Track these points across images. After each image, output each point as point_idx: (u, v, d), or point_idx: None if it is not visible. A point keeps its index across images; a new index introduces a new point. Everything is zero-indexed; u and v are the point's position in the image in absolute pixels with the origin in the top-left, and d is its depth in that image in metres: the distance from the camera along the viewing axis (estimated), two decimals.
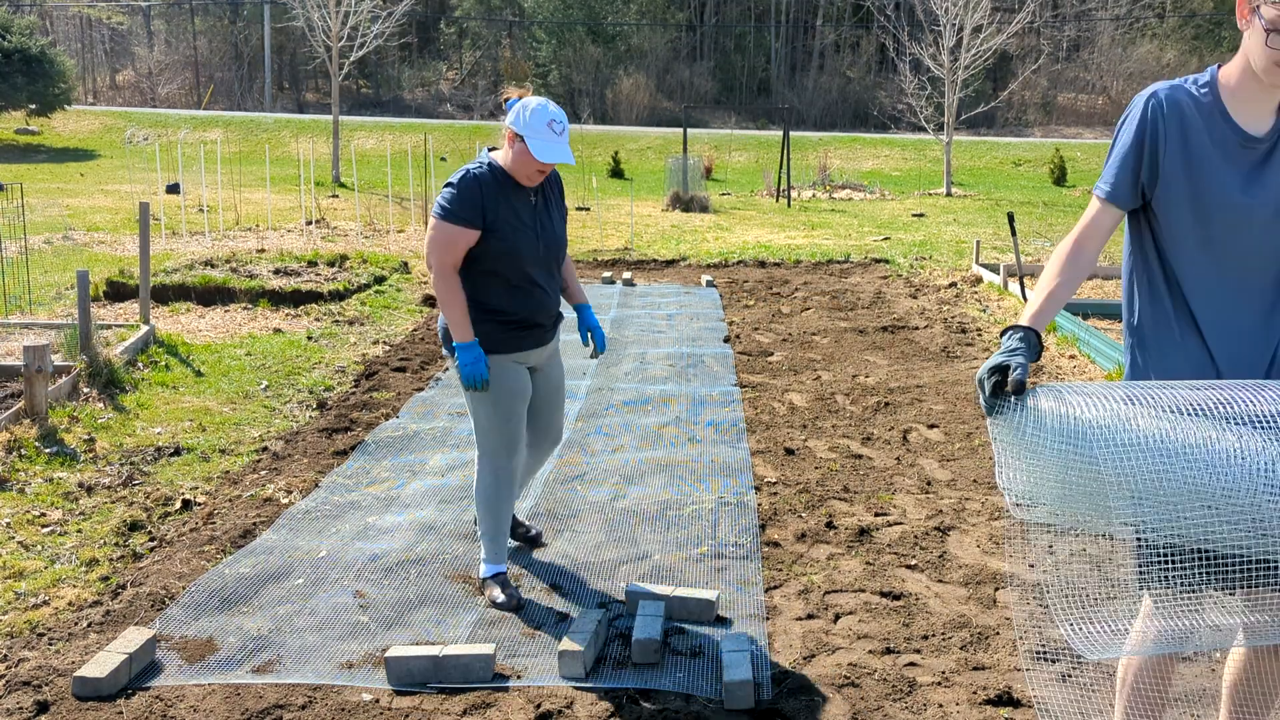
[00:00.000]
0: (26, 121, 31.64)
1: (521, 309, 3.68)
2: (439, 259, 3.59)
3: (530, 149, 3.51)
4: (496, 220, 3.58)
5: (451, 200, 3.56)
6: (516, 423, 3.76)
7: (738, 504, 4.81)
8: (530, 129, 3.51)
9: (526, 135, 3.51)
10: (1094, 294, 10.82)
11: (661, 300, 10.10)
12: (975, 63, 23.07)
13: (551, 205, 3.79)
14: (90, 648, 3.41)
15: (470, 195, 3.55)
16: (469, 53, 49.55)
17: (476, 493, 3.82)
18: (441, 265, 3.59)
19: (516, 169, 3.59)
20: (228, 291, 9.63)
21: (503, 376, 3.70)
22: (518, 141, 3.55)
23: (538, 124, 3.51)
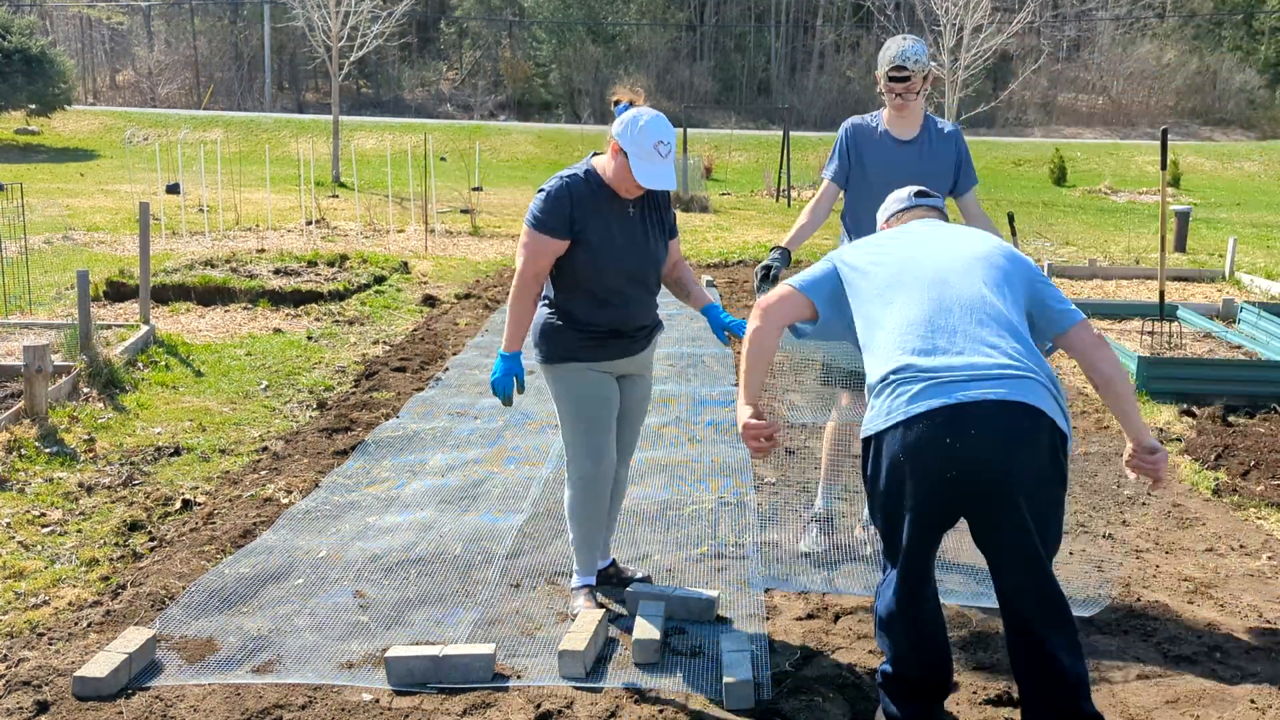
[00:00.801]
0: (26, 121, 31.64)
1: (607, 320, 3.55)
2: (522, 265, 3.48)
3: (632, 169, 3.36)
4: (585, 231, 3.44)
5: (542, 209, 3.44)
6: (601, 431, 3.60)
7: (738, 504, 4.81)
8: (636, 146, 3.35)
9: (630, 153, 3.36)
10: (1094, 294, 10.82)
11: (661, 300, 10.08)
12: (975, 63, 23.06)
13: (650, 218, 3.60)
14: (90, 648, 3.41)
15: (560, 204, 3.42)
16: (469, 53, 49.54)
17: (566, 502, 3.69)
18: (523, 272, 3.48)
19: (615, 182, 3.45)
20: (228, 291, 9.63)
21: (582, 384, 3.57)
22: (620, 155, 3.39)
23: (645, 143, 3.34)
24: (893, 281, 2.82)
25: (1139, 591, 4.00)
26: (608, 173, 3.46)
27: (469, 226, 15.46)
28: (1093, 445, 5.82)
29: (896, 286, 2.80)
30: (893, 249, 2.94)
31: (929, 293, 2.73)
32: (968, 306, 2.69)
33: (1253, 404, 6.56)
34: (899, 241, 2.99)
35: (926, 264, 2.82)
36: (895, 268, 2.85)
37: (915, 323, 2.69)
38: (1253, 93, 41.79)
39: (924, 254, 2.87)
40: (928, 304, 2.71)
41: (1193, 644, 3.59)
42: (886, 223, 3.28)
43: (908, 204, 3.26)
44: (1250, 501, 4.98)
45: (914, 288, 2.76)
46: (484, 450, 5.53)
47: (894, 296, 2.78)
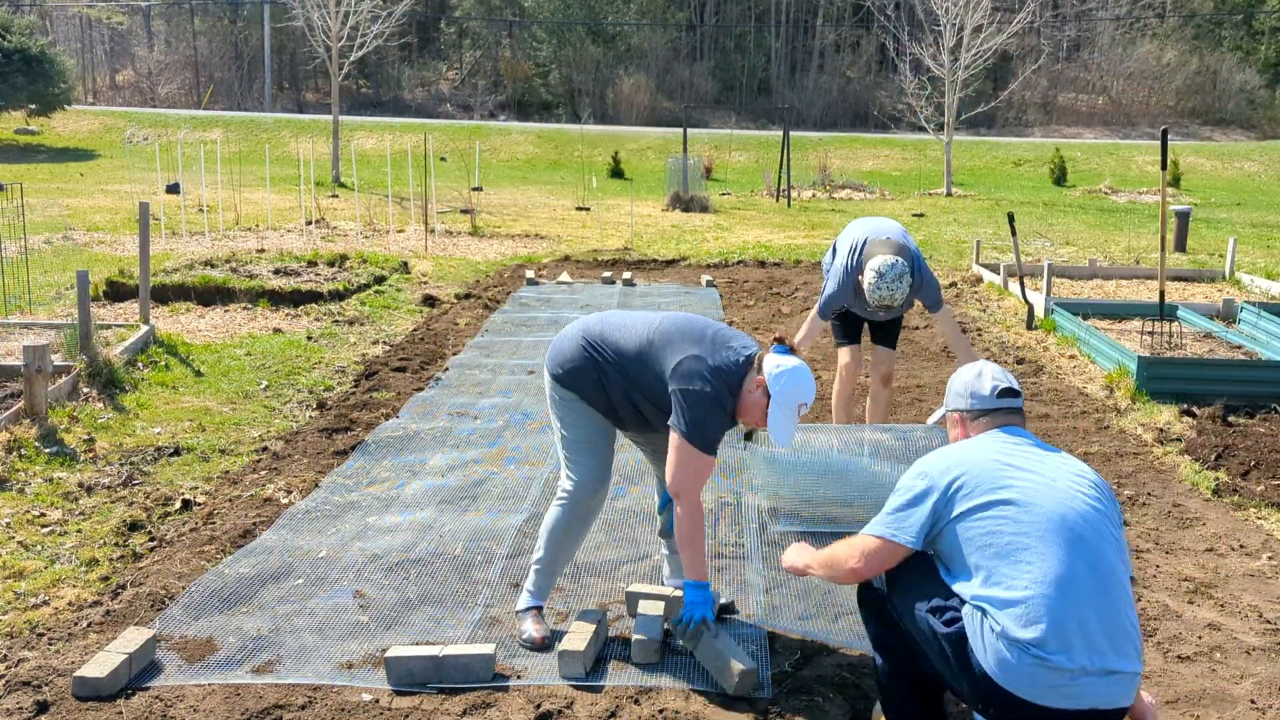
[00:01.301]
0: (26, 121, 31.64)
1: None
2: (695, 488, 3.31)
3: (769, 418, 3.27)
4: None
5: (711, 429, 3.29)
6: (607, 457, 3.57)
7: (738, 504, 4.80)
8: (783, 400, 3.24)
9: (775, 402, 3.25)
10: (1094, 294, 10.83)
11: (661, 300, 10.09)
12: (975, 63, 23.06)
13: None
14: (90, 648, 3.41)
15: (720, 423, 3.33)
16: (469, 53, 49.53)
17: (549, 520, 3.59)
18: (695, 494, 3.31)
19: (744, 410, 3.34)
20: (228, 291, 9.63)
21: (589, 413, 3.52)
22: (764, 397, 3.27)
23: (792, 401, 3.25)
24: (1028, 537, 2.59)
25: (1139, 591, 4.00)
26: (744, 399, 3.32)
27: (469, 226, 15.47)
28: (1093, 445, 5.82)
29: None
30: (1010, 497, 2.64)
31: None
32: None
33: (1253, 404, 6.56)
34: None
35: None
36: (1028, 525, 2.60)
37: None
38: (1253, 93, 41.78)
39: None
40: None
41: (1193, 644, 3.59)
42: (961, 418, 2.97)
43: (992, 405, 2.91)
44: (1250, 501, 4.98)
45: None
46: (484, 450, 5.53)
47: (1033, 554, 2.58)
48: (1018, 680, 2.49)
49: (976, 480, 2.66)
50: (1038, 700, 2.48)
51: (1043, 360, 7.81)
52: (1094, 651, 2.48)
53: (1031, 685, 2.48)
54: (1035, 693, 2.48)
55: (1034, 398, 6.77)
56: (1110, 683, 2.50)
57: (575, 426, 3.52)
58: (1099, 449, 5.75)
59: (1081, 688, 2.48)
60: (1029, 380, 7.20)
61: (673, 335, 3.39)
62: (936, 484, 2.70)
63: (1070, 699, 2.48)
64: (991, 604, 2.54)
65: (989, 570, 2.58)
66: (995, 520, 2.60)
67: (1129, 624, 2.56)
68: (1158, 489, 5.17)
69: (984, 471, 2.68)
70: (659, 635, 3.40)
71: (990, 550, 2.59)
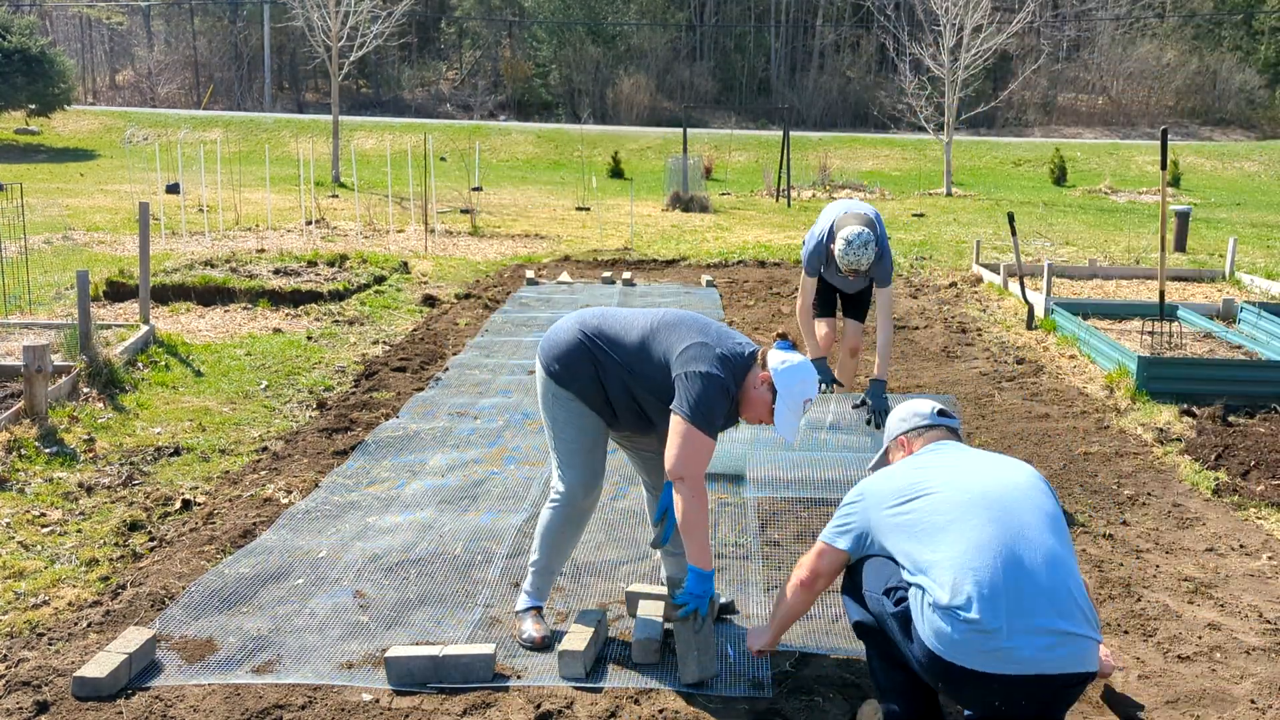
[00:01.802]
0: (26, 121, 31.65)
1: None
2: (699, 470, 3.26)
3: (775, 412, 3.26)
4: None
5: (711, 409, 3.24)
6: (599, 460, 3.55)
7: (738, 504, 4.80)
8: (789, 395, 3.24)
9: (781, 396, 3.24)
10: (1094, 293, 10.83)
11: (661, 300, 10.09)
12: (975, 63, 23.06)
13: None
14: (90, 648, 3.41)
15: (723, 409, 3.30)
16: (469, 53, 49.54)
17: (544, 522, 3.56)
18: (698, 477, 3.26)
19: (748, 406, 3.34)
20: (228, 291, 9.63)
21: (583, 412, 3.49)
22: (770, 391, 3.27)
23: (798, 396, 3.24)
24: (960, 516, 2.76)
25: (1139, 591, 4.00)
26: (746, 393, 3.32)
27: (469, 226, 15.47)
28: (1093, 445, 5.82)
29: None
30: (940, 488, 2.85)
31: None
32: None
33: (1253, 404, 6.56)
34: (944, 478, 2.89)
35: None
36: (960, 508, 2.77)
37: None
38: (1253, 93, 41.79)
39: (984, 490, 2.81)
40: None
41: (1193, 644, 3.59)
42: (905, 440, 3.12)
43: (932, 421, 3.12)
44: (1250, 501, 4.98)
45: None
46: (484, 450, 5.53)
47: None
48: (955, 649, 2.56)
49: (902, 484, 2.88)
50: (979, 667, 2.55)
51: (1043, 360, 7.81)
52: (1024, 611, 2.56)
53: (968, 652, 2.55)
54: (975, 659, 2.55)
55: (1034, 398, 6.77)
56: (1053, 644, 2.55)
57: (568, 426, 3.51)
58: (1099, 449, 5.75)
59: (1019, 650, 2.53)
60: (1029, 380, 7.20)
61: (677, 325, 3.40)
62: (866, 495, 2.95)
63: (1011, 663, 2.54)
64: (923, 576, 2.67)
65: (915, 550, 2.73)
66: (918, 510, 2.79)
67: (1069, 587, 2.63)
68: (1158, 489, 5.17)
69: (908, 476, 2.90)
70: (659, 635, 3.40)
71: (914, 532, 2.76)
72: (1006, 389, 6.98)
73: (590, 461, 3.53)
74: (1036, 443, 5.82)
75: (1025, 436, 5.92)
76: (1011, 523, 2.69)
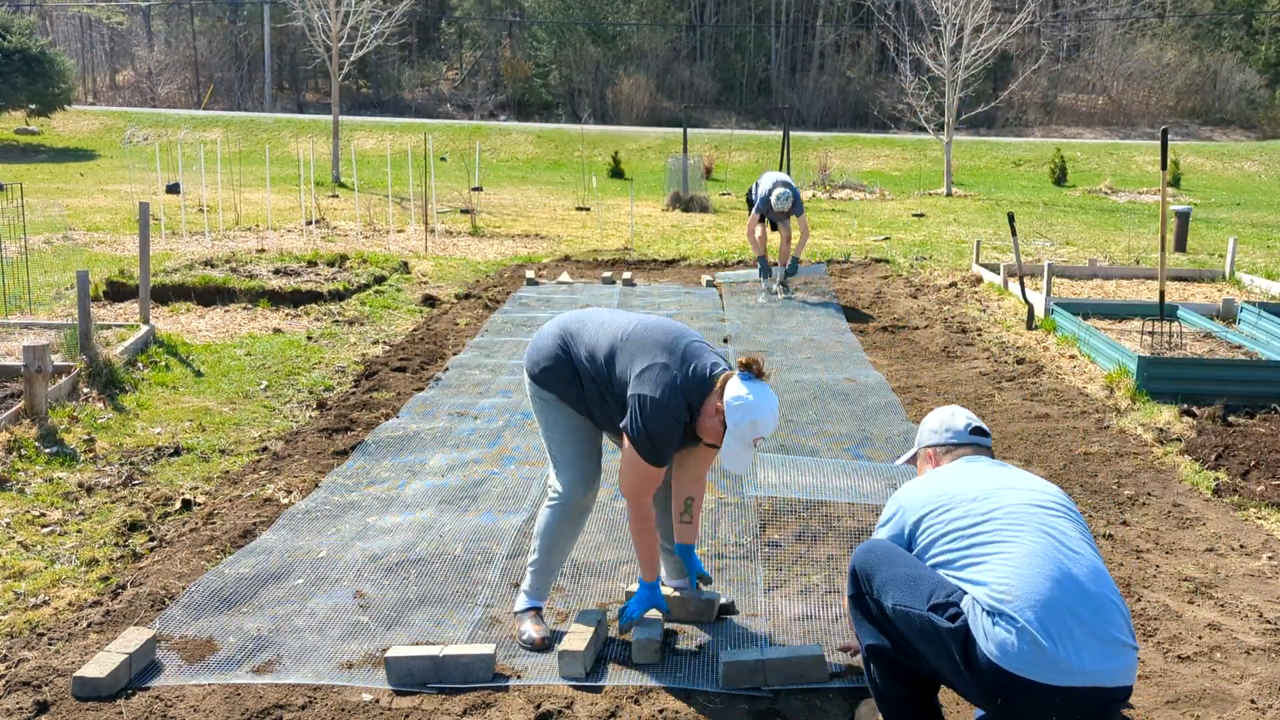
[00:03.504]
0: (26, 121, 31.65)
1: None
2: (642, 493, 3.30)
3: (722, 448, 3.23)
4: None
5: (660, 439, 3.24)
6: (594, 458, 3.57)
7: (737, 504, 4.80)
8: (738, 431, 3.19)
9: (730, 432, 3.19)
10: (1094, 294, 10.83)
11: (661, 300, 10.09)
12: (975, 63, 23.06)
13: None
14: (90, 648, 3.41)
15: (673, 437, 3.29)
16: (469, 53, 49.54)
17: (542, 521, 3.55)
18: (641, 499, 3.33)
19: (702, 430, 3.31)
20: (228, 291, 9.63)
21: (570, 413, 3.51)
22: (719, 419, 3.23)
23: (747, 434, 3.19)
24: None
25: (1139, 591, 4.00)
26: (702, 419, 3.29)
27: (469, 226, 15.47)
28: (1093, 445, 5.82)
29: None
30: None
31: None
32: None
33: (1253, 404, 6.56)
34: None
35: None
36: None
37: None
38: (1253, 93, 41.78)
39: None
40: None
41: (1193, 644, 3.59)
42: (934, 452, 3.11)
43: (965, 439, 3.09)
44: (1250, 501, 4.98)
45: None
46: (484, 450, 5.53)
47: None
48: (1020, 661, 2.52)
49: (942, 495, 2.86)
50: (1043, 679, 2.51)
51: (1043, 360, 7.81)
52: (1082, 622, 2.55)
53: (1032, 663, 2.52)
54: (1038, 671, 2.51)
55: (1034, 398, 6.77)
56: (1110, 655, 2.54)
57: (558, 427, 3.52)
58: (1099, 449, 5.75)
59: (1082, 661, 2.51)
60: (1029, 380, 7.20)
61: (645, 340, 3.35)
62: (905, 506, 2.92)
63: (1074, 674, 2.51)
64: (978, 588, 2.63)
65: (966, 562, 2.70)
66: (961, 521, 2.76)
67: (1114, 598, 2.64)
68: (1158, 489, 5.17)
69: (947, 486, 2.89)
70: (659, 635, 3.41)
71: (962, 543, 2.73)
72: (1006, 389, 6.98)
73: (584, 461, 3.53)
74: (1036, 443, 5.82)
75: (1025, 436, 5.92)
76: (1056, 535, 2.69)
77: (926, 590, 2.69)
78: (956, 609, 2.63)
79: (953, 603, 2.64)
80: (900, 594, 2.73)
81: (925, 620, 2.67)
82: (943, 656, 2.66)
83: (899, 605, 2.72)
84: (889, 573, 2.78)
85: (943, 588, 2.68)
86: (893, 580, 2.77)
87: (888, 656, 2.82)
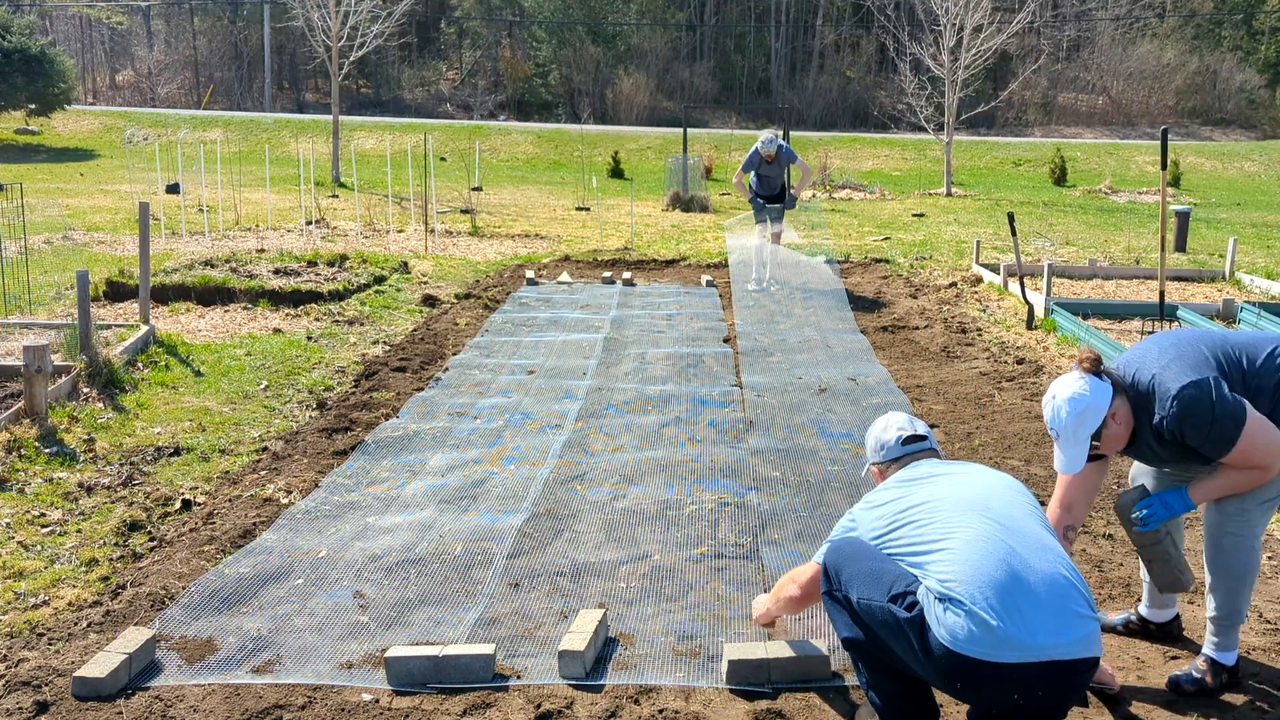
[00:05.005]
0: (26, 121, 31.65)
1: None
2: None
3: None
4: None
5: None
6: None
7: (737, 504, 4.81)
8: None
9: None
10: (1094, 294, 10.82)
11: (661, 300, 10.09)
12: (975, 63, 23.06)
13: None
14: (90, 648, 3.41)
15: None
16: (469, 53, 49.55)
17: (1234, 559, 3.22)
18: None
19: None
20: (228, 291, 9.63)
21: None
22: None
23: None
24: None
25: (1139, 591, 3.99)
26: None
27: (469, 226, 15.46)
28: None
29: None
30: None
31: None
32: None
33: None
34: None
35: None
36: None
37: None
38: (1253, 93, 41.79)
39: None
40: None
41: (1193, 644, 3.59)
42: (880, 469, 3.23)
43: (899, 453, 3.19)
44: None
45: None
46: (484, 450, 5.53)
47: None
48: (974, 644, 2.57)
49: (889, 508, 2.95)
50: (998, 658, 2.56)
51: (1043, 360, 7.81)
52: (1032, 599, 2.60)
53: (986, 645, 2.57)
54: (993, 651, 2.56)
55: (1034, 398, 6.76)
56: (1062, 627, 2.59)
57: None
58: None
59: (1035, 636, 2.56)
60: (1029, 380, 7.20)
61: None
62: (859, 520, 3.01)
63: (1029, 650, 2.56)
64: (930, 578, 2.70)
65: (916, 556, 2.78)
66: (913, 521, 2.85)
67: (1063, 571, 2.69)
68: None
69: (894, 499, 2.97)
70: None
71: (913, 539, 2.81)
72: (1006, 389, 6.98)
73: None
74: (1036, 443, 5.82)
75: (1025, 436, 5.92)
76: (1000, 516, 2.78)
77: (887, 582, 2.78)
78: (913, 598, 2.72)
79: (910, 592, 2.73)
80: (864, 588, 2.82)
81: (886, 611, 2.75)
82: (904, 646, 2.73)
83: (863, 598, 2.81)
84: (854, 568, 2.88)
85: (902, 579, 2.77)
86: (857, 575, 2.86)
87: (864, 650, 2.88)
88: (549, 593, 3.89)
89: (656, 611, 3.74)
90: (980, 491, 2.88)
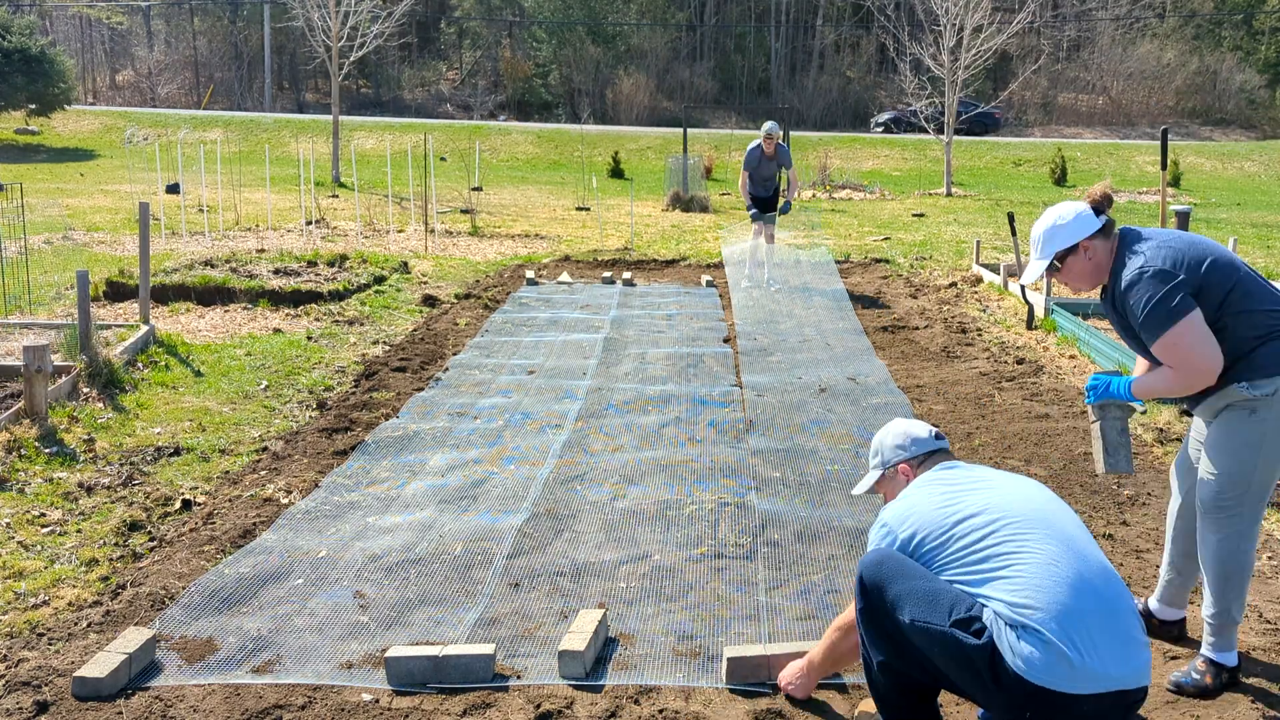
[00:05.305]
0: (26, 121, 31.66)
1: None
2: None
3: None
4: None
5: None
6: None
7: (737, 504, 4.80)
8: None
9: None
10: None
11: (661, 300, 10.09)
12: (975, 63, 23.07)
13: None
14: (90, 648, 3.41)
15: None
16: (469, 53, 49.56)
17: (1220, 559, 3.24)
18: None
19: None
20: (228, 291, 9.63)
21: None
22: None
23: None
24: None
25: (1139, 591, 3.99)
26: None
27: (469, 226, 15.47)
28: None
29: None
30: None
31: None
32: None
33: None
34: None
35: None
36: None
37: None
38: (1253, 93, 41.81)
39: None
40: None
41: (1193, 644, 3.59)
42: (906, 466, 3.07)
43: (933, 446, 3.08)
44: None
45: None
46: (484, 450, 5.53)
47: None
48: (1049, 673, 2.49)
49: (934, 510, 2.80)
50: (1072, 689, 2.49)
51: (1043, 360, 7.81)
52: (1104, 628, 2.53)
53: (1060, 674, 2.49)
54: (1066, 681, 2.49)
55: (1034, 397, 6.77)
56: (1130, 657, 2.53)
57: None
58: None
59: (1106, 666, 2.50)
60: (1029, 380, 7.20)
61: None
62: (895, 531, 2.83)
63: (1101, 680, 2.50)
64: (998, 602, 2.58)
65: (981, 576, 2.64)
66: (967, 533, 2.71)
67: (1126, 597, 2.64)
68: (1158, 489, 5.16)
69: (942, 505, 2.80)
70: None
71: (974, 556, 2.67)
72: (1006, 389, 6.98)
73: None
74: (1036, 443, 5.82)
75: (1025, 436, 5.92)
76: (1064, 538, 2.66)
77: (946, 605, 2.63)
78: (980, 624, 2.59)
79: (975, 617, 2.59)
80: (918, 609, 2.66)
81: (948, 636, 2.61)
82: (967, 672, 2.61)
83: (918, 621, 2.65)
84: (904, 586, 2.70)
85: (962, 602, 2.63)
86: (909, 594, 2.69)
87: (897, 670, 2.78)
88: (549, 593, 3.89)
89: (656, 611, 3.74)
90: (1037, 505, 2.75)
